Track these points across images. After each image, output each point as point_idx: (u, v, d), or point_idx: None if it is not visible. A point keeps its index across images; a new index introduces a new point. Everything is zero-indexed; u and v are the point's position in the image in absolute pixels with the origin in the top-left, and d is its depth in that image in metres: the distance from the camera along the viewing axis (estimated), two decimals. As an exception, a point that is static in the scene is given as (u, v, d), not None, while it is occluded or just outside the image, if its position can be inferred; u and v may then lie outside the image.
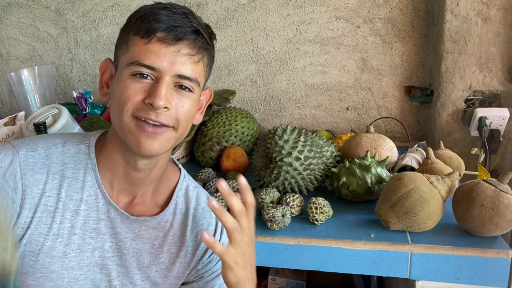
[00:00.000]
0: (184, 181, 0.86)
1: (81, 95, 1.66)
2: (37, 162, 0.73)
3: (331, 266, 0.97)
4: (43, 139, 0.76)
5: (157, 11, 0.69)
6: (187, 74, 0.69)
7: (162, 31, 0.67)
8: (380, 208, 1.00)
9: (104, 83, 0.77)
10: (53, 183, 0.73)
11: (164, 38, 0.67)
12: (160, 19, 0.68)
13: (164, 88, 0.67)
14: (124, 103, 0.68)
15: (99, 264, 0.77)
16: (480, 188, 0.93)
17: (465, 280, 0.92)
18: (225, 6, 1.72)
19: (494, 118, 1.42)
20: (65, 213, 0.73)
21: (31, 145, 0.74)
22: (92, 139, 0.78)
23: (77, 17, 1.85)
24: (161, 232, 0.81)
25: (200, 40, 0.70)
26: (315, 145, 1.15)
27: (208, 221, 0.85)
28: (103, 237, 0.76)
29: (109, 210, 0.76)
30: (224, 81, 1.80)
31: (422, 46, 1.61)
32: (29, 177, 0.71)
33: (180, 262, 0.83)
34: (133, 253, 0.79)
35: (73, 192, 0.74)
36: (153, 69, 0.67)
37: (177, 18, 0.68)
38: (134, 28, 0.69)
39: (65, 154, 0.75)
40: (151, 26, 0.67)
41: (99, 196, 0.76)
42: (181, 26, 0.68)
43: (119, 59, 0.72)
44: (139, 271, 0.80)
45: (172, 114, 0.70)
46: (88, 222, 0.75)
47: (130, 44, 0.69)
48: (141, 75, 0.68)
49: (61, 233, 0.73)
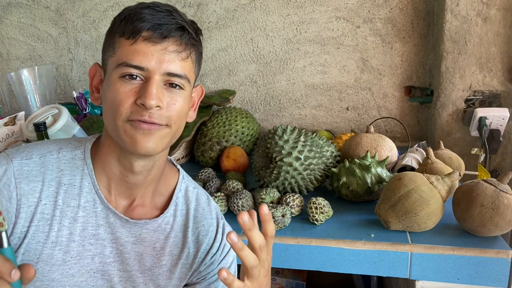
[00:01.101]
0: (183, 182, 0.86)
1: (81, 95, 1.66)
2: (32, 170, 0.72)
3: (331, 266, 0.97)
4: (37, 146, 0.75)
5: (141, 11, 0.68)
6: (176, 71, 0.69)
7: (147, 30, 0.67)
8: (380, 208, 1.00)
9: (95, 88, 0.76)
10: (49, 190, 0.72)
11: (149, 37, 0.67)
12: (144, 18, 0.67)
13: (154, 87, 0.67)
14: (117, 107, 0.68)
15: (100, 270, 0.76)
16: (480, 188, 0.93)
17: (465, 280, 0.92)
18: (225, 6, 1.72)
19: (494, 118, 1.42)
20: (62, 221, 0.72)
21: (26, 153, 0.73)
22: (88, 144, 0.77)
23: (77, 17, 1.85)
24: (162, 234, 0.80)
25: (186, 36, 0.70)
26: (315, 145, 1.15)
27: (209, 222, 0.85)
28: (103, 243, 0.75)
29: (108, 215, 0.75)
30: (224, 81, 1.80)
31: (422, 46, 1.61)
32: (24, 186, 0.70)
33: (182, 264, 0.82)
34: (134, 256, 0.78)
35: (70, 199, 0.73)
36: (141, 69, 0.67)
37: (161, 16, 0.68)
38: (119, 29, 0.69)
39: (60, 161, 0.74)
40: (135, 26, 0.67)
41: (96, 201, 0.75)
42: (166, 23, 0.67)
43: (107, 62, 0.71)
44: (142, 275, 0.79)
45: (165, 112, 0.69)
46: (87, 229, 0.74)
47: (117, 46, 0.69)
48: (130, 76, 0.67)
49: (60, 241, 0.72)
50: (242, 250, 0.64)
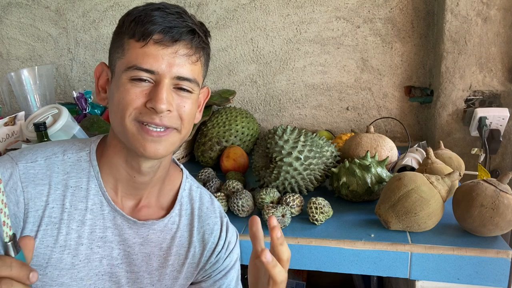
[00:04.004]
0: (187, 182, 0.86)
1: (81, 95, 1.66)
2: (37, 174, 0.71)
3: (331, 266, 0.97)
4: (41, 148, 0.75)
5: (151, 13, 0.67)
6: (186, 76, 0.69)
7: (158, 33, 0.66)
8: (380, 208, 1.00)
9: (101, 88, 0.75)
10: (56, 193, 0.71)
11: (160, 40, 0.67)
12: (155, 20, 0.66)
13: (164, 91, 0.67)
14: (125, 107, 0.67)
15: (108, 272, 0.76)
16: (480, 188, 0.93)
17: (465, 280, 0.92)
18: (225, 6, 1.72)
19: (494, 118, 1.42)
20: (70, 224, 0.72)
21: (30, 156, 0.72)
22: (93, 146, 0.76)
23: (77, 17, 1.85)
24: (169, 234, 0.80)
25: (197, 40, 0.70)
26: (315, 145, 1.15)
27: (214, 220, 0.85)
28: (111, 245, 0.75)
29: (115, 218, 0.75)
30: (224, 81, 1.80)
31: (422, 46, 1.61)
32: (31, 189, 0.69)
33: (188, 263, 0.82)
34: (142, 257, 0.78)
35: (78, 202, 0.73)
36: (152, 72, 0.67)
37: (171, 18, 0.67)
38: (128, 31, 0.68)
39: (66, 163, 0.74)
40: (146, 28, 0.66)
41: (104, 203, 0.75)
42: (176, 26, 0.67)
43: (116, 64, 0.70)
44: (149, 275, 0.79)
45: (175, 115, 0.69)
46: (95, 231, 0.74)
47: (126, 48, 0.68)
48: (140, 79, 0.67)
49: (68, 245, 0.72)
50: (275, 267, 0.64)
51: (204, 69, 0.75)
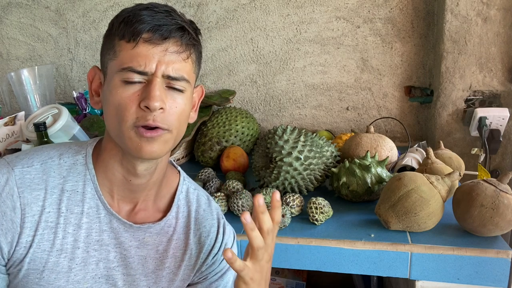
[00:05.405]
0: (184, 184, 0.86)
1: (81, 95, 1.66)
2: (34, 178, 0.71)
3: (331, 266, 0.97)
4: (37, 152, 0.74)
5: (139, 12, 0.67)
6: (177, 74, 0.68)
7: (147, 32, 0.66)
8: (380, 208, 1.00)
9: (94, 91, 0.75)
10: (52, 198, 0.71)
11: (150, 39, 0.66)
12: (144, 20, 0.66)
13: (157, 89, 0.66)
14: (122, 113, 0.67)
15: (105, 275, 0.76)
16: (480, 188, 0.93)
17: (465, 280, 0.92)
18: (225, 6, 1.72)
19: (494, 118, 1.42)
20: (67, 228, 0.72)
21: (26, 160, 0.72)
22: (89, 149, 0.76)
23: (77, 17, 1.85)
24: (165, 237, 0.80)
25: (187, 37, 0.70)
26: (315, 145, 1.15)
27: (210, 223, 0.85)
28: (107, 248, 0.75)
29: (112, 221, 0.75)
30: (224, 81, 1.80)
31: (422, 46, 1.61)
32: (27, 194, 0.69)
33: (185, 265, 0.82)
34: (138, 260, 0.78)
35: (74, 206, 0.73)
36: (144, 74, 0.67)
37: (160, 17, 0.67)
38: (118, 32, 0.68)
39: (62, 167, 0.73)
40: (135, 28, 0.66)
41: (100, 207, 0.74)
42: (165, 24, 0.67)
43: (107, 66, 0.70)
44: (145, 278, 0.79)
45: (167, 115, 0.68)
46: (91, 235, 0.74)
47: (118, 49, 0.68)
48: (133, 82, 0.67)
49: (65, 248, 0.72)
50: (253, 230, 0.67)
51: (196, 67, 0.74)
